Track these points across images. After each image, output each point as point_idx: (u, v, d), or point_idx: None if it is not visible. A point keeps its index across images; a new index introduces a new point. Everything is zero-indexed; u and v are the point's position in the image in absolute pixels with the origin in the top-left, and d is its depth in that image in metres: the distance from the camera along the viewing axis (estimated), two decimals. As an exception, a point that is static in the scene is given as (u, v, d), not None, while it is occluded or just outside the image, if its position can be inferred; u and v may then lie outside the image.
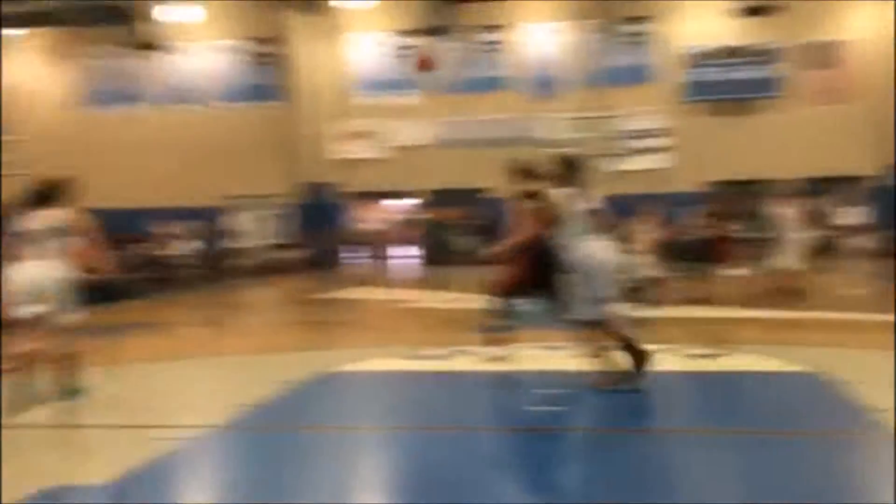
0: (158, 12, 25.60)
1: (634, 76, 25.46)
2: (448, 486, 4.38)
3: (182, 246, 19.39)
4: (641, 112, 25.14)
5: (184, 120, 26.63)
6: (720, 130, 24.83)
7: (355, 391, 7.31)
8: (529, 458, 5.02)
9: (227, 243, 21.92)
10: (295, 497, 4.26)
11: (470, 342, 9.18)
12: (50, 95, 27.50)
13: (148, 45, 26.12)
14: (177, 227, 20.12)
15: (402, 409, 6.56)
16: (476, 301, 11.49)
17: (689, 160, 24.46)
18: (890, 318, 10.17)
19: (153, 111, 27.03)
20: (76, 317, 6.61)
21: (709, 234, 13.84)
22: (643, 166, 24.83)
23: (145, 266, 18.28)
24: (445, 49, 25.96)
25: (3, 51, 26.35)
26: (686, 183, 23.92)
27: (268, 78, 26.66)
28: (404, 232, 27.71)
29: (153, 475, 4.70)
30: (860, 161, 24.10)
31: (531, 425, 5.75)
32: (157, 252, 18.86)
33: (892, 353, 7.45)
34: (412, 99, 26.21)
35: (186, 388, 7.15)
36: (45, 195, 6.89)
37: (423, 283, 19.31)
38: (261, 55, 26.75)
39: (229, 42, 26.79)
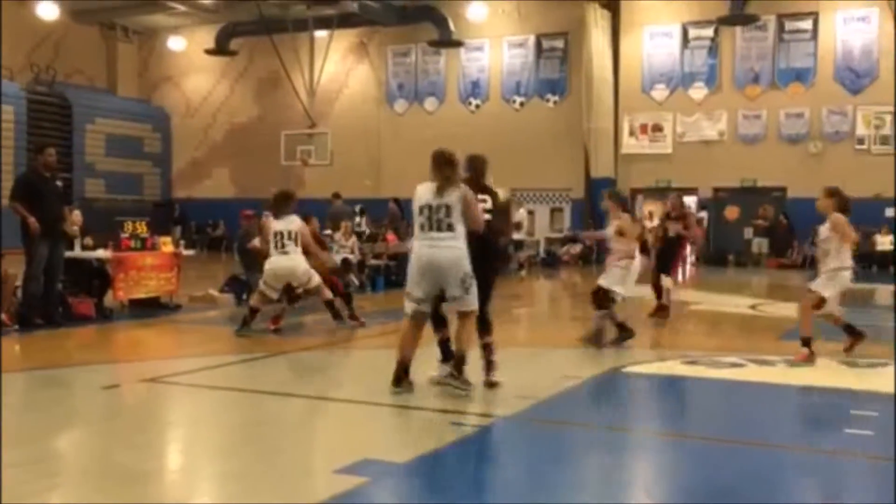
0: (471, 12, 26.60)
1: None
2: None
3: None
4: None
5: (474, 115, 27.52)
6: None
7: (640, 393, 7.14)
8: (813, 482, 4.59)
9: (515, 235, 22.37)
10: (558, 494, 4.21)
11: (762, 351, 8.66)
12: (353, 91, 29.55)
13: (449, 43, 27.26)
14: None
15: (687, 416, 6.30)
16: (771, 307, 10.84)
17: None
18: None
19: (447, 106, 28.17)
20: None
21: None
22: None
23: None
24: (743, 39, 24.70)
25: (315, 50, 28.67)
26: None
27: (558, 72, 26.84)
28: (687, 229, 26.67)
29: (444, 460, 4.85)
30: None
31: (838, 448, 5.24)
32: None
33: None
34: (703, 93, 25.21)
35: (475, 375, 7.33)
36: (282, 203, 9.59)
37: (706, 285, 18.53)
38: (551, 50, 26.98)
39: (521, 37, 27.26)
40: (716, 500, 4.19)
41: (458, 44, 27.39)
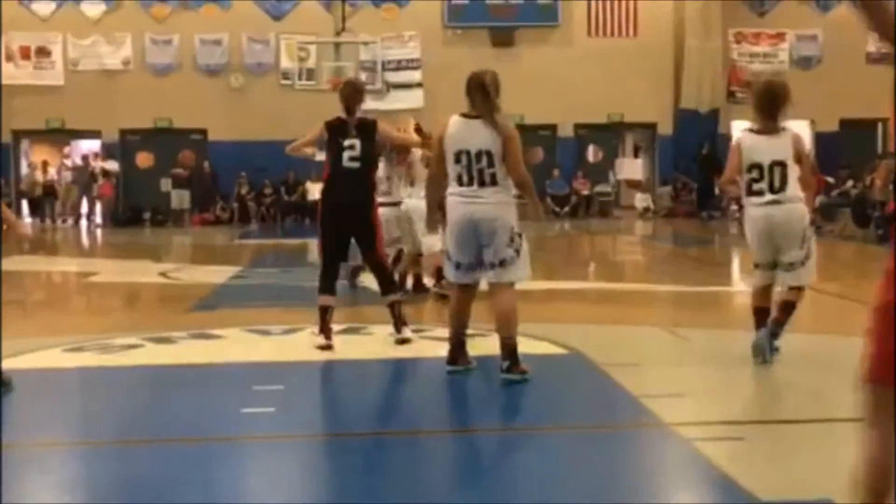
0: None
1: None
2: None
3: None
4: (395, 39, 25.10)
5: None
6: (487, 63, 25.24)
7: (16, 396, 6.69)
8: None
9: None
10: None
11: (167, 327, 8.71)
12: None
13: None
14: None
15: (74, 420, 6.07)
16: (186, 273, 11.02)
17: (449, 95, 24.71)
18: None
19: None
20: None
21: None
22: (400, 105, 24.03)
23: None
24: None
25: None
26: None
27: None
28: (92, 183, 26.22)
29: None
30: (643, 106, 25.44)
31: (244, 433, 5.46)
32: None
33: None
34: (101, 9, 24.74)
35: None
36: None
37: (120, 251, 18.39)
38: None
39: None
40: None
41: None
